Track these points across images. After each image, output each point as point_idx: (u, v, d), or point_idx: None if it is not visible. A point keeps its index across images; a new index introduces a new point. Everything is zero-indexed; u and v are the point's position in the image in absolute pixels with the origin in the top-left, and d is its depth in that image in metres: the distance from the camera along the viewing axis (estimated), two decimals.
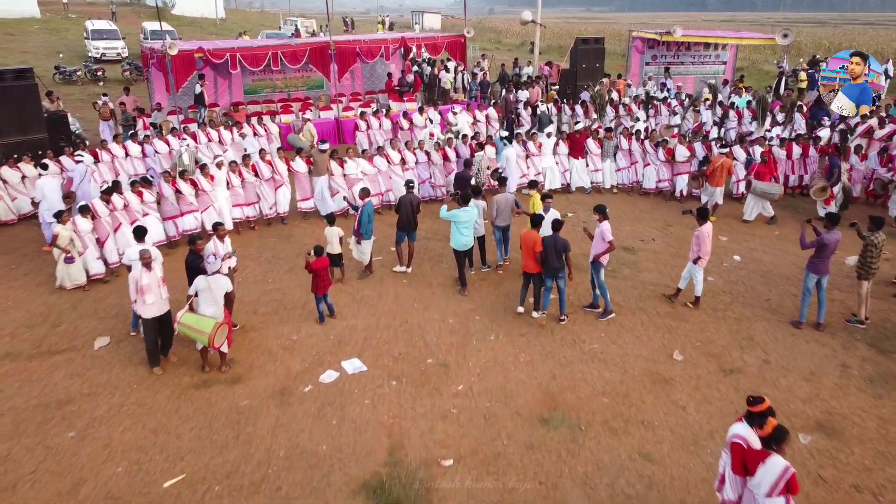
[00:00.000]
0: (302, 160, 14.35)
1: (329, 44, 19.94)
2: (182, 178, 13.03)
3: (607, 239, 10.06)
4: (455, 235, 11.27)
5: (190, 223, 13.07)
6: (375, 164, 14.95)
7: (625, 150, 16.61)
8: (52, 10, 52.70)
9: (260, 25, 53.99)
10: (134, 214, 12.24)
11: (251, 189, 13.94)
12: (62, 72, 29.46)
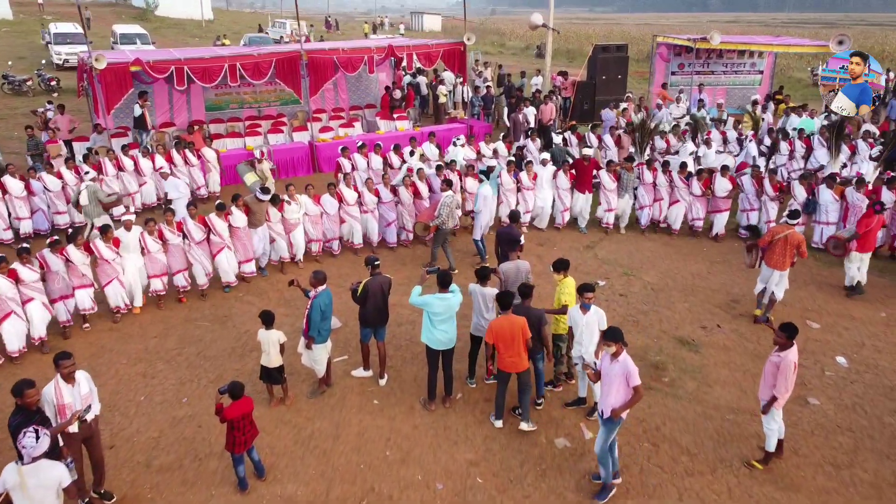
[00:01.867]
0: (239, 210, 10.87)
1: (299, 53, 16.38)
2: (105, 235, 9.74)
3: (633, 383, 6.36)
4: (427, 328, 7.86)
5: (84, 302, 9.64)
6: (322, 205, 11.84)
7: (648, 183, 13.13)
8: (27, 12, 49.34)
9: (249, 28, 50.46)
10: (6, 305, 8.66)
11: (177, 253, 10.41)
12: (11, 81, 25.97)
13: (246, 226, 10.99)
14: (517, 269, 8.77)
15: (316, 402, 8.26)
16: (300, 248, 11.79)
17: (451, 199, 11.41)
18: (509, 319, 7.28)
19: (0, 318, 8.65)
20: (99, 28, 40.59)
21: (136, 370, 8.92)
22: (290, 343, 8.32)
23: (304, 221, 11.76)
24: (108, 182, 13.41)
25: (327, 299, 7.98)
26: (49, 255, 9.23)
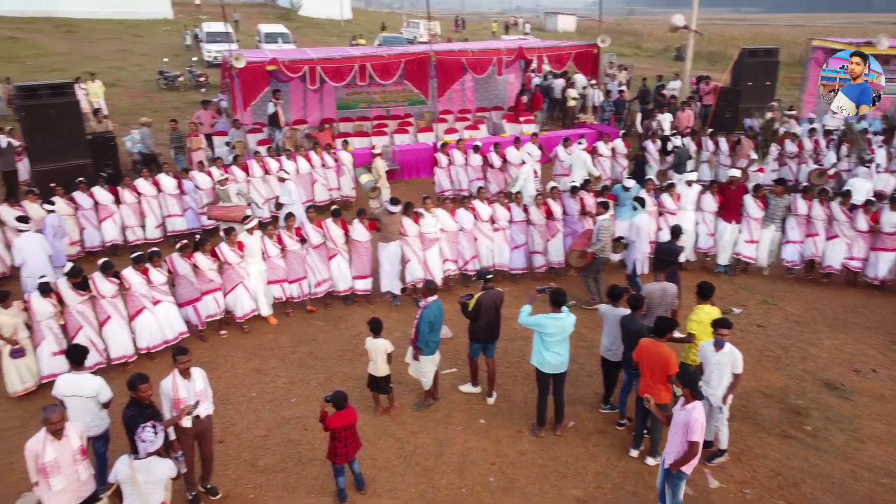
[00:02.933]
0: (362, 225, 10.42)
1: (428, 55, 16.32)
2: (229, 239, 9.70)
3: (690, 437, 5.67)
4: (537, 350, 7.36)
5: (211, 308, 9.69)
6: (458, 220, 11.03)
7: (801, 214, 11.26)
8: (185, 12, 53.07)
9: (387, 28, 51.69)
10: (139, 301, 8.95)
11: (295, 260, 10.34)
12: (166, 77, 27.92)
13: (367, 241, 10.50)
14: (663, 292, 8.10)
15: (421, 415, 8.02)
16: (436, 268, 10.75)
17: (609, 224, 10.28)
18: (658, 348, 6.64)
19: (133, 314, 8.94)
20: (247, 27, 42.98)
21: (251, 365, 9.09)
22: (398, 352, 8.13)
23: (441, 240, 10.85)
24: (254, 184, 13.54)
25: (437, 311, 7.71)
26: (178, 259, 9.35)
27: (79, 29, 41.02)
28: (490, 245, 11.26)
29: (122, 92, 26.43)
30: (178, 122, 16.57)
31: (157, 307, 9.09)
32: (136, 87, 28.01)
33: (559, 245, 11.49)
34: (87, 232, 12.10)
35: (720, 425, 6.99)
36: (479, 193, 11.63)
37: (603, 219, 10.25)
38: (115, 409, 6.59)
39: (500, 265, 11.44)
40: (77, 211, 11.98)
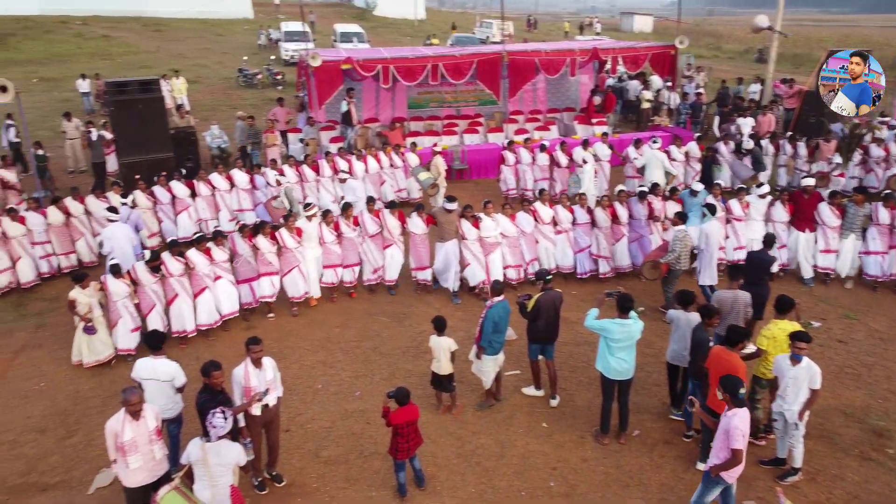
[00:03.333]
0: (420, 219, 10.74)
1: (501, 55, 16.28)
2: (289, 225, 10.20)
3: (733, 445, 5.65)
4: (602, 355, 7.24)
5: (265, 289, 10.14)
6: (519, 224, 11.01)
7: (883, 224, 10.72)
8: (265, 11, 54.62)
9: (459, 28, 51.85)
10: (202, 280, 9.47)
11: (350, 247, 10.74)
12: (245, 75, 28.82)
13: (424, 234, 10.78)
14: (734, 300, 7.86)
15: (483, 416, 8.01)
16: (498, 272, 10.74)
17: (685, 235, 9.90)
18: (729, 357, 6.45)
19: (196, 292, 9.46)
20: (323, 27, 43.89)
21: (317, 357, 9.28)
22: (462, 351, 8.14)
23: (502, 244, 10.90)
24: (323, 184, 13.81)
25: (503, 311, 7.69)
26: (238, 240, 9.92)
27: (166, 28, 42.82)
28: (550, 248, 11.22)
29: (203, 88, 27.43)
30: (255, 118, 17.07)
31: (217, 283, 9.66)
32: (216, 83, 29.02)
33: (624, 249, 11.34)
34: (164, 224, 12.68)
35: (795, 442, 6.71)
36: (542, 196, 11.54)
37: (679, 230, 9.90)
38: (189, 394, 6.85)
39: (564, 268, 11.37)
40: (156, 205, 12.56)
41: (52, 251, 11.54)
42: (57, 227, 11.51)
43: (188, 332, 9.45)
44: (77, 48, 35.47)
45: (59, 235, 11.57)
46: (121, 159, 14.10)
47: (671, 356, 7.68)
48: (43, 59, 32.99)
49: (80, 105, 23.33)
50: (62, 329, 9.65)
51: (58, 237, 11.55)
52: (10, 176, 13.53)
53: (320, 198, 13.64)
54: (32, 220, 11.20)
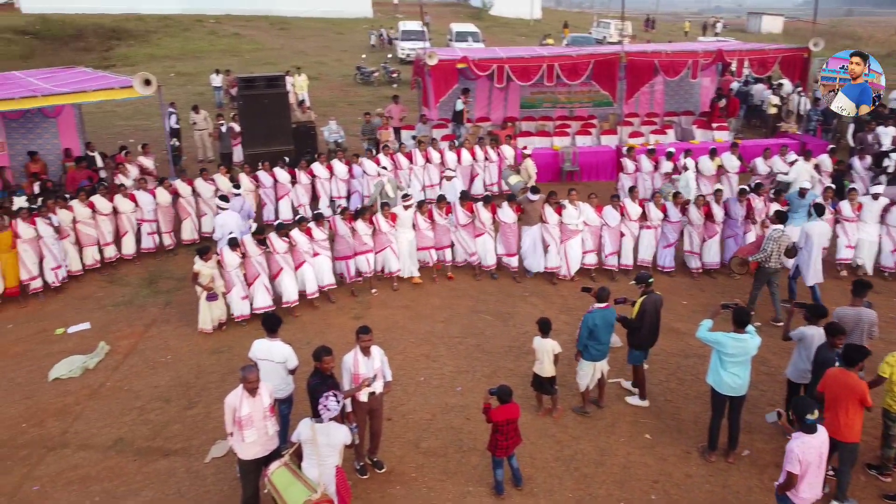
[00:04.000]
0: (510, 208, 11.29)
1: (619, 55, 15.93)
2: (384, 211, 11.08)
3: (787, 466, 5.41)
4: (714, 369, 6.94)
5: (363, 265, 11.09)
6: (604, 217, 11.23)
7: None
8: (384, 11, 56.03)
9: (574, 27, 51.15)
10: (302, 256, 10.40)
11: (443, 231, 11.52)
12: (362, 72, 29.71)
13: (513, 223, 11.32)
14: (858, 318, 7.38)
15: (583, 421, 7.90)
16: (575, 261, 11.36)
17: (780, 235, 9.61)
18: (847, 378, 6.09)
19: (296, 265, 10.41)
20: (439, 26, 44.49)
21: (421, 351, 9.45)
22: (565, 354, 8.06)
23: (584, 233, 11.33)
24: (415, 172, 14.46)
25: (601, 320, 7.53)
26: (339, 221, 10.84)
27: (290, 26, 44.81)
28: (634, 243, 11.51)
29: (322, 85, 28.50)
30: (371, 114, 17.57)
31: (315, 258, 10.60)
32: (335, 80, 30.08)
33: (715, 247, 11.45)
34: (266, 208, 13.67)
35: None
36: (632, 193, 11.66)
37: (775, 229, 9.72)
38: (300, 377, 7.15)
39: (643, 261, 11.61)
40: (258, 188, 13.41)
41: (158, 229, 12.60)
42: (164, 207, 12.55)
43: (292, 301, 10.33)
44: (210, 45, 37.77)
45: (166, 214, 12.62)
46: (246, 150, 14.91)
47: (794, 374, 7.29)
48: (180, 55, 35.39)
49: (211, 98, 24.84)
50: (188, 307, 10.34)
51: (164, 216, 12.60)
52: (148, 163, 14.62)
53: (411, 183, 14.40)
54: (142, 199, 12.27)
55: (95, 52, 35.42)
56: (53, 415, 8.15)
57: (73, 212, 11.45)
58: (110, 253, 12.02)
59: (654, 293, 7.90)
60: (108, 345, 9.62)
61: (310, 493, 5.60)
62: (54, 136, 15.32)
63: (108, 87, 13.08)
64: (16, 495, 6.88)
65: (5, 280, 10.63)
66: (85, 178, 13.17)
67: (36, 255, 10.77)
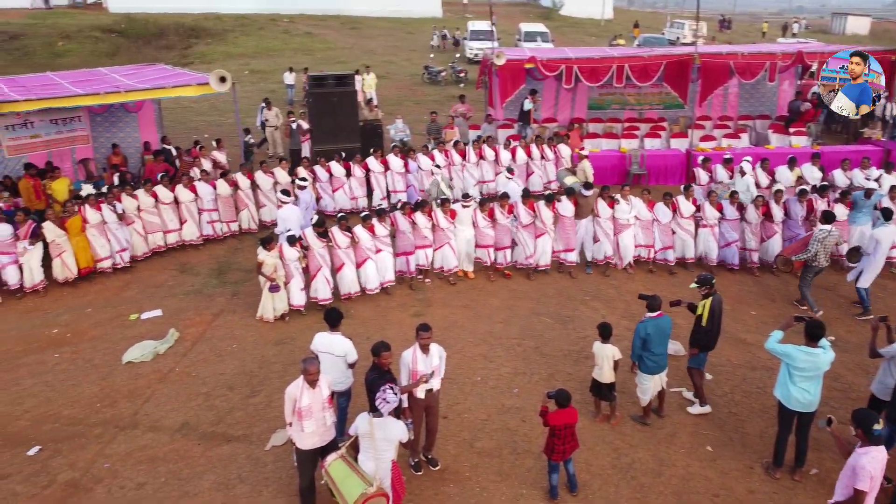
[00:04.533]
0: (569, 202, 11.43)
1: (692, 57, 15.51)
2: (443, 207, 11.19)
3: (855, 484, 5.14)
4: (783, 382, 6.68)
5: (421, 259, 11.32)
6: (655, 213, 11.38)
7: None
8: (453, 10, 56.24)
9: (646, 28, 50.15)
10: (364, 253, 10.58)
11: (503, 231, 11.47)
12: (430, 72, 29.89)
13: (572, 216, 11.37)
14: None
15: (642, 430, 7.73)
16: (627, 251, 11.58)
17: (828, 236, 9.65)
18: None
19: (359, 262, 10.64)
20: (508, 26, 44.33)
21: (479, 351, 9.45)
22: (625, 361, 7.91)
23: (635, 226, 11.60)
24: (468, 168, 14.67)
25: (655, 329, 7.33)
26: (400, 217, 10.98)
27: (361, 25, 45.50)
28: (688, 240, 11.59)
29: (390, 84, 28.81)
30: (437, 114, 17.67)
31: (378, 255, 10.80)
32: (403, 79, 30.36)
33: (775, 247, 11.39)
34: (322, 200, 13.98)
35: None
36: (686, 191, 11.65)
37: (821, 229, 9.70)
38: (358, 371, 7.25)
39: (705, 258, 11.74)
40: (315, 181, 13.76)
41: (218, 218, 13.12)
42: (224, 198, 13.05)
43: (353, 293, 10.69)
44: (283, 44, 38.71)
45: (226, 205, 13.13)
46: (315, 147, 15.22)
47: (879, 389, 6.96)
48: (254, 53, 36.41)
49: (283, 96, 25.46)
50: (253, 298, 10.62)
51: (224, 206, 13.12)
52: (221, 157, 15.10)
53: (464, 180, 14.63)
54: (202, 190, 12.80)
55: (175, 49, 36.87)
56: (125, 396, 8.52)
57: (137, 200, 12.13)
58: (173, 239, 12.71)
59: (717, 293, 7.75)
60: (177, 332, 9.98)
61: (366, 486, 5.67)
62: (135, 129, 16.03)
63: (185, 84, 13.59)
64: (89, 470, 7.23)
65: (77, 261, 11.36)
66: (162, 170, 13.70)
67: (104, 238, 11.59)
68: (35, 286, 11.11)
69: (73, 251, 11.26)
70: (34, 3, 47.57)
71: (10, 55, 34.00)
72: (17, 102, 11.53)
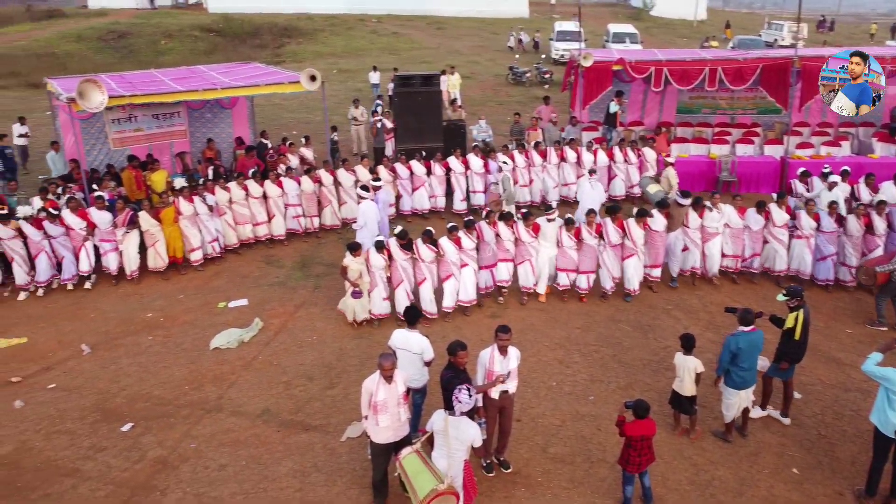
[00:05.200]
0: (661, 216, 10.71)
1: (791, 60, 14.81)
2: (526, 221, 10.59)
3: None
4: (881, 407, 6.33)
5: (502, 274, 10.68)
6: (746, 219, 10.84)
7: None
8: (540, 11, 55.78)
9: (741, 29, 48.26)
10: (449, 268, 10.16)
11: (589, 253, 10.67)
12: (515, 72, 29.77)
13: (663, 231, 10.76)
14: None
15: (723, 446, 7.46)
16: (714, 261, 11.11)
17: None
18: None
19: (443, 277, 10.20)
20: (596, 26, 43.62)
21: (555, 355, 9.35)
22: (707, 374, 7.64)
23: (724, 235, 11.09)
24: (548, 170, 14.49)
25: (747, 343, 7.03)
26: (485, 227, 10.43)
27: (447, 25, 45.79)
28: (781, 250, 11.01)
29: (474, 84, 28.86)
30: (521, 115, 17.58)
31: (463, 270, 10.26)
32: (487, 80, 30.35)
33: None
34: (402, 199, 14.10)
35: None
36: (779, 200, 11.08)
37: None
38: (434, 369, 7.31)
39: (796, 272, 11.11)
40: (396, 179, 13.87)
41: (302, 213, 13.39)
42: (308, 194, 13.30)
43: (430, 314, 10.13)
44: (370, 43, 39.43)
45: (309, 201, 13.39)
46: (398, 146, 15.44)
47: None
48: (342, 52, 37.25)
49: (369, 94, 25.93)
50: (334, 292, 10.87)
51: (308, 202, 13.37)
52: (308, 154, 15.55)
53: (544, 180, 14.46)
54: (288, 186, 13.09)
55: (269, 48, 38.16)
56: (211, 381, 8.90)
57: (230, 192, 12.58)
58: (261, 232, 13.05)
59: (806, 305, 7.49)
60: (261, 321, 10.34)
61: (437, 482, 5.71)
62: (229, 125, 16.70)
63: (278, 82, 14.03)
64: (176, 449, 7.59)
65: (169, 249, 11.88)
66: (253, 165, 14.21)
67: (195, 228, 12.03)
68: (132, 273, 11.69)
69: (165, 241, 11.78)
70: (140, 4, 50.41)
71: (118, 52, 36.09)
72: (124, 97, 12.20)
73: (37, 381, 8.93)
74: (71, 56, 33.60)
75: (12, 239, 11.02)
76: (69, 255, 11.39)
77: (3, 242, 11.01)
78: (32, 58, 32.49)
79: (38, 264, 11.22)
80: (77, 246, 11.40)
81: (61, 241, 11.31)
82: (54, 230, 11.20)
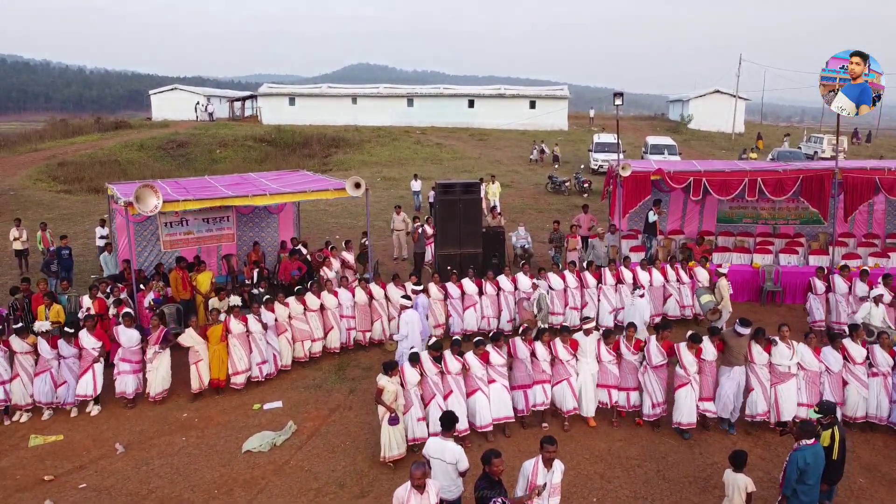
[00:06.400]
0: (711, 344, 9.70)
1: (832, 171, 14.81)
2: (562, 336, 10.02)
3: None
4: None
5: (539, 396, 9.94)
6: (824, 359, 9.62)
7: None
8: (579, 125, 57.49)
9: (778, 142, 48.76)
10: (475, 383, 9.61)
11: (629, 369, 10.03)
12: (554, 182, 30.37)
13: (714, 361, 9.76)
14: None
15: None
16: (788, 407, 9.53)
17: None
18: None
19: (469, 391, 9.61)
20: (635, 138, 44.65)
21: (595, 469, 8.95)
22: (760, 495, 7.19)
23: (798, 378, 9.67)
24: (605, 291, 13.78)
25: (814, 457, 6.66)
26: (519, 344, 9.96)
27: (489, 137, 47.45)
28: (863, 392, 9.59)
29: (514, 192, 29.48)
30: (560, 223, 17.76)
31: (491, 386, 9.66)
32: (527, 188, 30.99)
33: None
34: (452, 319, 13.53)
35: None
36: (855, 333, 9.86)
37: None
38: (469, 480, 7.04)
39: (875, 417, 9.68)
40: (447, 299, 13.52)
41: (355, 326, 13.07)
42: (361, 306, 13.04)
43: (460, 431, 9.05)
44: (414, 153, 40.96)
45: (362, 313, 13.10)
46: (438, 251, 15.65)
47: None
48: (388, 161, 38.71)
49: (411, 202, 26.65)
50: (370, 395, 10.73)
51: (360, 315, 13.08)
52: (349, 257, 15.85)
53: (600, 305, 13.78)
54: (343, 296, 12.93)
55: (317, 157, 39.92)
56: (242, 485, 8.71)
57: (288, 308, 12.17)
58: (317, 348, 12.54)
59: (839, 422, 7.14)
60: (295, 424, 10.21)
61: None
62: (275, 230, 17.27)
63: (324, 189, 14.53)
64: None
65: (212, 370, 11.23)
66: (295, 268, 14.52)
67: (245, 350, 11.40)
68: (159, 394, 10.95)
69: (208, 360, 11.16)
70: (201, 117, 53.75)
71: (175, 160, 38.17)
72: (178, 202, 12.75)
73: (69, 479, 8.87)
74: (132, 163, 35.62)
75: (26, 354, 10.46)
76: (72, 380, 10.60)
77: (17, 356, 10.44)
78: (97, 165, 34.55)
79: (36, 383, 10.44)
80: (85, 367, 10.61)
81: (70, 362, 10.62)
82: (67, 350, 10.58)
